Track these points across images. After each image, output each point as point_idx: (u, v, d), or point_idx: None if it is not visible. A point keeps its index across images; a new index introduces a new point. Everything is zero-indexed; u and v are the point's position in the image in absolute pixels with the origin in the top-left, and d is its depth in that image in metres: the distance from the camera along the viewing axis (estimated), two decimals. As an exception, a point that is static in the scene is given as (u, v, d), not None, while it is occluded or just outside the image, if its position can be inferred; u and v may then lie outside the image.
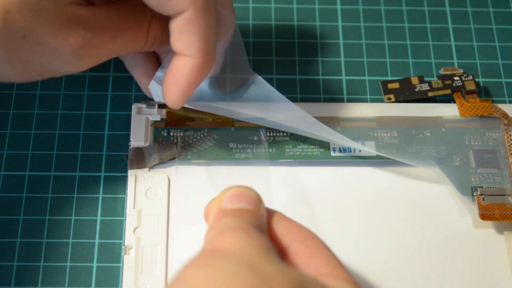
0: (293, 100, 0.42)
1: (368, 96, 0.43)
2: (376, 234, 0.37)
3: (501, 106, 0.41)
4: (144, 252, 0.36)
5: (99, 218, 0.38)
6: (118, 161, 0.40)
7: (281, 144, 0.40)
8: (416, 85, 0.42)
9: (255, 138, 0.40)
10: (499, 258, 0.37)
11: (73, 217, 0.38)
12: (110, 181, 0.39)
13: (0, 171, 0.39)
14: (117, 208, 0.38)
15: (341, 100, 0.43)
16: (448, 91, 0.42)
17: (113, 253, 0.37)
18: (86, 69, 0.33)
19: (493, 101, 0.43)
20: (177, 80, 0.34)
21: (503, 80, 0.44)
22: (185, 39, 0.34)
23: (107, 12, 0.32)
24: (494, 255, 0.37)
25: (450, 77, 0.42)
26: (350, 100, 0.43)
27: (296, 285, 0.26)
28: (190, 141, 0.39)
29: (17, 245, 0.37)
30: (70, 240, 0.37)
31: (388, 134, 0.40)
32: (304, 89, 0.43)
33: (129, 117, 0.40)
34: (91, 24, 0.32)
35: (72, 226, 0.38)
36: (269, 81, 0.43)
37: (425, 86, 0.42)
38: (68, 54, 0.32)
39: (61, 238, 0.37)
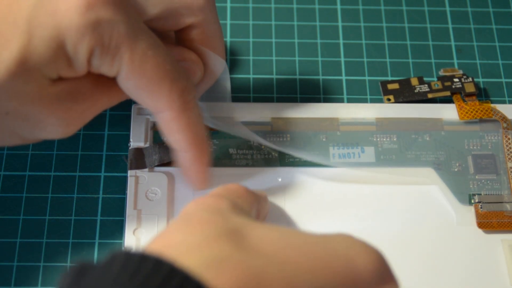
0: (293, 100, 0.42)
1: (368, 96, 0.43)
2: (372, 238, 0.37)
3: (501, 108, 0.41)
4: None
5: (99, 218, 0.38)
6: (118, 161, 0.40)
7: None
8: (416, 86, 0.42)
9: (254, 144, 0.39)
10: (496, 264, 0.36)
11: (73, 217, 0.38)
12: (110, 181, 0.39)
13: (0, 171, 0.39)
14: (117, 208, 0.38)
15: (341, 100, 0.43)
16: (447, 93, 0.42)
17: (113, 253, 0.37)
18: (72, 134, 0.33)
19: (493, 102, 0.43)
20: (188, 174, 0.36)
21: (503, 80, 0.44)
22: (172, 136, 0.35)
23: (85, 80, 0.32)
24: (492, 261, 0.37)
25: (450, 78, 0.42)
26: (350, 100, 0.43)
27: (227, 226, 0.26)
28: None
29: (17, 245, 0.37)
30: (70, 240, 0.37)
31: (388, 139, 0.40)
32: (304, 89, 0.43)
33: (129, 117, 0.40)
34: (75, 94, 0.31)
35: (72, 226, 0.38)
36: (269, 81, 0.43)
37: (425, 87, 0.42)
38: (55, 125, 0.31)
39: (61, 238, 0.37)
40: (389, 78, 0.44)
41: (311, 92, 0.43)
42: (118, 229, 0.38)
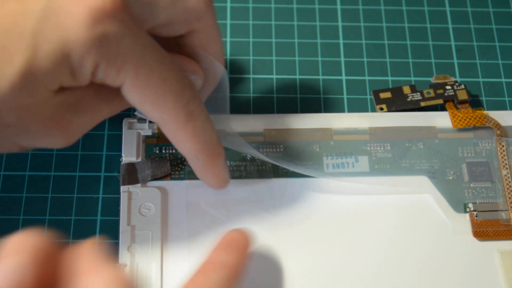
0: (293, 100, 0.42)
1: (368, 96, 0.43)
2: (367, 249, 0.37)
3: (494, 115, 0.41)
4: (139, 270, 0.35)
5: (99, 218, 0.38)
6: (118, 161, 0.40)
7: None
8: (408, 95, 0.42)
9: (248, 157, 0.39)
10: (493, 273, 0.36)
11: (73, 217, 0.38)
12: (109, 181, 0.39)
13: (0, 171, 0.39)
14: (117, 208, 0.38)
15: (341, 100, 0.43)
16: (440, 101, 0.41)
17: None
18: (72, 143, 0.32)
19: (493, 102, 0.43)
20: (203, 178, 0.36)
21: (503, 80, 0.44)
22: (180, 146, 0.34)
23: (87, 90, 0.31)
24: (488, 270, 0.36)
25: (442, 86, 0.42)
26: (350, 100, 0.43)
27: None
28: (183, 159, 0.38)
29: (17, 245, 0.37)
30: (70, 240, 0.37)
31: (381, 148, 0.40)
32: (304, 89, 0.43)
33: (130, 116, 0.40)
34: (77, 106, 0.31)
35: (72, 226, 0.38)
36: (269, 80, 0.43)
37: (417, 96, 0.42)
38: (56, 136, 0.31)
39: (61, 238, 0.37)
40: (389, 78, 0.44)
41: (311, 92, 0.43)
42: (118, 229, 0.38)
